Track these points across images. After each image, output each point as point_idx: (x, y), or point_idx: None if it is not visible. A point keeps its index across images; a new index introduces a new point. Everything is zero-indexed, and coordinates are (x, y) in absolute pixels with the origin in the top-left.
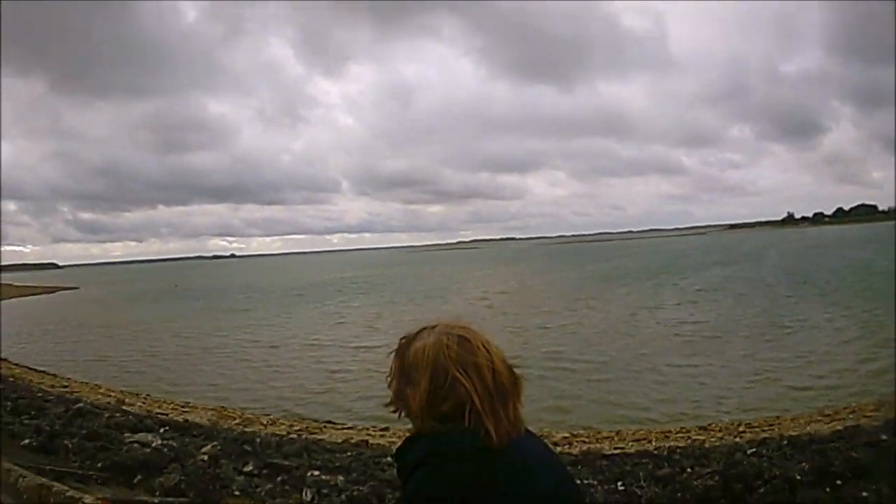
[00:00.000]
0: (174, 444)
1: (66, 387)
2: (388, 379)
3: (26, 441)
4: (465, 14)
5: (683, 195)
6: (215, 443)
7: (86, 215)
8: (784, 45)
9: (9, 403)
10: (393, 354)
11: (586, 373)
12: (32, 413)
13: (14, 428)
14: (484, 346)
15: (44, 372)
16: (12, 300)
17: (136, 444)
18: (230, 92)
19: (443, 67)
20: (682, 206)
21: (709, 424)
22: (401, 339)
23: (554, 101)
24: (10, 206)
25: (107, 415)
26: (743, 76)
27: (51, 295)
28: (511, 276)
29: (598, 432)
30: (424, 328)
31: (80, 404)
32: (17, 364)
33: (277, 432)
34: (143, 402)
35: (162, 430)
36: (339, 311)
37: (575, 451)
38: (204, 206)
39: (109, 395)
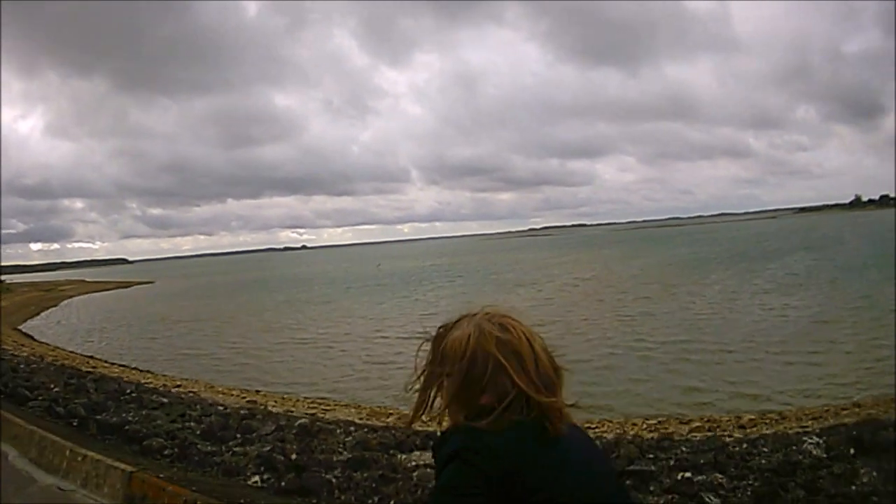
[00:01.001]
0: None
1: (179, 386)
2: (421, 368)
3: (255, 479)
4: None
5: (752, 178)
6: None
7: (154, 211)
8: (844, 25)
9: (192, 424)
10: (429, 343)
11: (706, 363)
12: (239, 437)
13: (223, 459)
14: (526, 336)
15: (137, 369)
16: (87, 295)
17: (428, 469)
18: (295, 84)
19: (508, 52)
20: (750, 189)
21: (860, 401)
22: (439, 327)
23: (620, 85)
24: (78, 203)
25: (339, 430)
26: (806, 55)
27: (126, 289)
28: (594, 262)
29: (765, 413)
30: (465, 316)
31: (303, 420)
32: (109, 362)
33: None
34: (275, 403)
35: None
36: (428, 300)
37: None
38: (274, 199)
39: (231, 396)
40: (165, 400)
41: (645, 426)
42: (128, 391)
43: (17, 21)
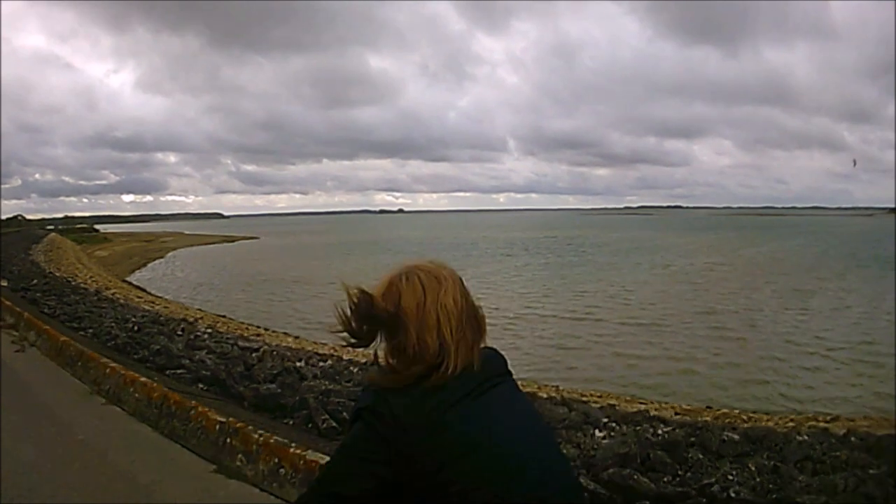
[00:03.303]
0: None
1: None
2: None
3: None
4: None
5: (845, 173)
6: None
7: (249, 167)
8: None
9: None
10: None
11: None
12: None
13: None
14: (425, 286)
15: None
16: (193, 248)
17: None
18: (391, 47)
19: (606, 25)
20: (843, 184)
21: None
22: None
23: (719, 65)
24: (171, 157)
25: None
26: None
27: (231, 244)
28: (715, 247)
29: None
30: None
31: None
32: (261, 328)
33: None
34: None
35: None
36: (565, 274)
37: None
38: (370, 161)
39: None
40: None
41: None
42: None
43: None
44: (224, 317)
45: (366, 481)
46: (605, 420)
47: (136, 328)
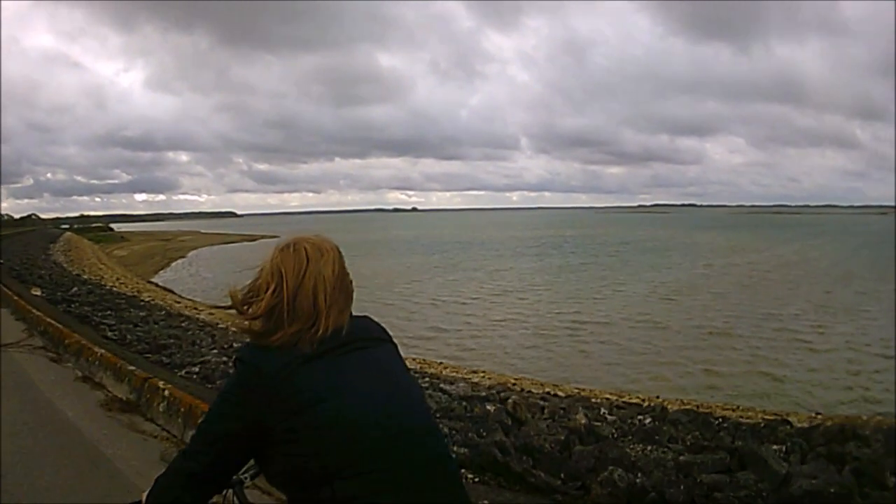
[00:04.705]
0: None
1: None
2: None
3: None
4: None
5: (857, 171)
6: None
7: (261, 166)
8: None
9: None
10: None
11: None
12: None
13: None
14: (309, 256)
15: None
16: (214, 247)
17: None
18: (400, 45)
19: (617, 22)
20: (855, 182)
21: None
22: None
23: (730, 61)
24: (183, 156)
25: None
26: None
27: (252, 243)
28: (743, 245)
29: None
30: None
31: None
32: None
33: None
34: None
35: None
36: (605, 275)
37: None
38: (382, 160)
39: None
40: None
41: None
42: None
43: None
44: None
45: (234, 423)
46: None
47: None
